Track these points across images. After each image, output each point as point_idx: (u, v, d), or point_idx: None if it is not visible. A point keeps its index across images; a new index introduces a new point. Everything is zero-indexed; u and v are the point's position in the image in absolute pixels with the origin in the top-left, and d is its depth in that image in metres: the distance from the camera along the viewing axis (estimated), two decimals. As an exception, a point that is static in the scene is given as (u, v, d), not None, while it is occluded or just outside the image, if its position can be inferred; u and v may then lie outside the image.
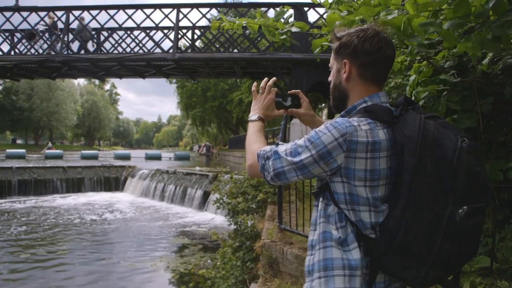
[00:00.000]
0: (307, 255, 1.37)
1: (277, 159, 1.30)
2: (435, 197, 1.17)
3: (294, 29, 2.20)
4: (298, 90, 1.69)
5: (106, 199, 18.15)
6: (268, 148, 1.36)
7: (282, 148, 1.32)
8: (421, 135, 1.19)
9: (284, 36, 2.21)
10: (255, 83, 1.65)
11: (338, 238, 1.27)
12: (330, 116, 13.38)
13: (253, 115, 1.59)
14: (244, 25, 2.24)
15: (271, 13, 13.36)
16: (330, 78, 1.46)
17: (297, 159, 1.26)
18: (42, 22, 13.28)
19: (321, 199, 1.35)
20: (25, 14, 13.49)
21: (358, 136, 1.21)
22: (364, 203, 1.25)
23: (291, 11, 12.43)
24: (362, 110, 1.30)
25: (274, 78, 1.64)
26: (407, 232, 1.19)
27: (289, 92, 1.66)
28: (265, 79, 1.64)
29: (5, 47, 14.04)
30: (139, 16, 13.17)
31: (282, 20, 2.29)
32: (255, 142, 1.47)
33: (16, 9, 13.62)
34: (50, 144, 52.07)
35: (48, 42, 13.65)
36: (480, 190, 1.22)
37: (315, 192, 1.39)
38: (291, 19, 2.37)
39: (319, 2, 2.26)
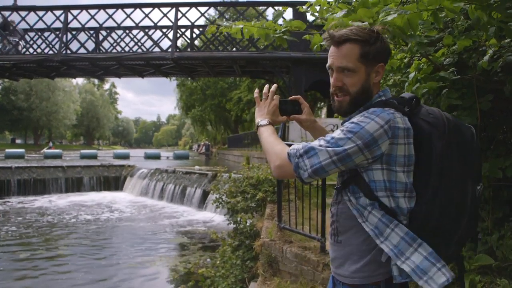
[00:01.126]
0: (376, 243, 1.31)
1: (313, 155, 1.28)
2: (462, 178, 1.30)
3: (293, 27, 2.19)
4: (299, 96, 1.69)
5: (105, 199, 18.14)
6: (299, 146, 1.34)
7: (316, 143, 1.31)
8: (446, 122, 1.30)
9: (280, 34, 2.21)
10: (257, 90, 1.65)
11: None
12: (330, 115, 13.39)
13: (262, 120, 1.57)
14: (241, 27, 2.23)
15: (269, 11, 13.36)
16: (340, 83, 1.40)
17: (340, 149, 1.25)
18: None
19: (349, 193, 1.36)
20: (23, 13, 13.47)
21: (398, 122, 1.28)
22: (402, 189, 1.30)
23: (289, 10, 12.42)
24: (381, 103, 1.35)
25: (275, 85, 1.64)
26: (440, 214, 1.27)
27: (289, 98, 1.67)
28: (267, 85, 1.64)
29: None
30: (137, 15, 13.20)
31: (281, 21, 2.28)
32: (277, 144, 1.44)
33: (15, 8, 13.60)
34: (51, 144, 52.09)
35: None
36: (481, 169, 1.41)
37: (339, 188, 1.40)
38: (290, 17, 2.36)
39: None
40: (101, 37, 13.76)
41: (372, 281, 1.34)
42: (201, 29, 13.78)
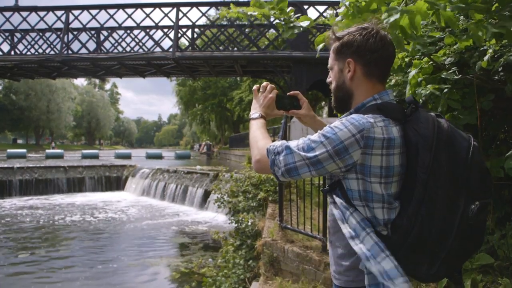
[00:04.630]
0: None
1: (288, 154, 1.27)
2: (450, 194, 1.19)
3: (303, 23, 2.19)
4: (298, 92, 1.68)
5: (107, 199, 18.15)
6: (278, 143, 1.33)
7: (294, 143, 1.29)
8: (436, 133, 1.21)
9: (290, 32, 2.21)
10: (256, 85, 1.66)
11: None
12: (331, 114, 13.39)
13: (255, 113, 1.58)
14: (250, 13, 2.22)
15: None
16: (329, 79, 1.46)
17: (311, 154, 1.24)
18: None
19: (334, 196, 1.35)
20: (24, 14, 13.50)
21: (375, 132, 1.21)
22: (378, 199, 1.26)
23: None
24: (374, 107, 1.29)
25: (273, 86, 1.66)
26: (422, 229, 1.20)
27: (288, 93, 1.67)
28: (265, 83, 1.65)
29: (5, 47, 14.06)
30: (138, 15, 13.26)
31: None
32: (261, 138, 1.44)
33: (16, 9, 13.64)
34: (53, 144, 52.24)
35: None
36: (488, 186, 1.25)
37: (325, 190, 1.38)
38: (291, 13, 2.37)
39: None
40: (102, 37, 13.78)
41: (354, 286, 1.33)
42: (202, 29, 13.80)
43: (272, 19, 2.29)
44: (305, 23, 2.20)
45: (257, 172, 1.44)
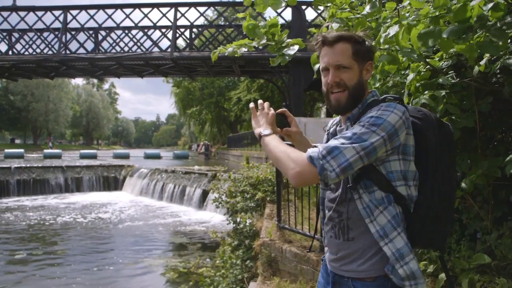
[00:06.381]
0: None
1: (338, 154, 1.26)
2: (450, 171, 1.41)
3: (292, 51, 2.19)
4: (284, 109, 1.70)
5: (105, 199, 18.13)
6: (319, 148, 1.30)
7: (336, 142, 1.29)
8: (435, 118, 1.42)
9: (280, 60, 2.22)
10: (252, 103, 1.66)
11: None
12: (329, 115, 13.40)
13: (265, 129, 1.53)
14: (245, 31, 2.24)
15: (269, 11, 13.41)
16: (337, 79, 1.43)
17: (367, 143, 1.27)
18: None
19: (361, 190, 1.37)
20: (22, 13, 13.48)
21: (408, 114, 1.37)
22: (412, 177, 1.39)
23: (288, 10, 12.44)
24: (377, 102, 1.42)
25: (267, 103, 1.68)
26: (440, 202, 1.37)
27: (276, 112, 1.65)
28: (260, 100, 1.65)
29: (3, 47, 14.06)
30: (137, 15, 13.27)
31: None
32: (292, 151, 1.39)
33: (14, 8, 13.62)
34: (50, 144, 52.17)
35: None
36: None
37: (351, 186, 1.39)
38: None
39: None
40: (100, 37, 13.78)
41: (385, 273, 1.37)
42: (200, 29, 13.81)
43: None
44: (296, 47, 2.21)
45: (297, 185, 1.36)
